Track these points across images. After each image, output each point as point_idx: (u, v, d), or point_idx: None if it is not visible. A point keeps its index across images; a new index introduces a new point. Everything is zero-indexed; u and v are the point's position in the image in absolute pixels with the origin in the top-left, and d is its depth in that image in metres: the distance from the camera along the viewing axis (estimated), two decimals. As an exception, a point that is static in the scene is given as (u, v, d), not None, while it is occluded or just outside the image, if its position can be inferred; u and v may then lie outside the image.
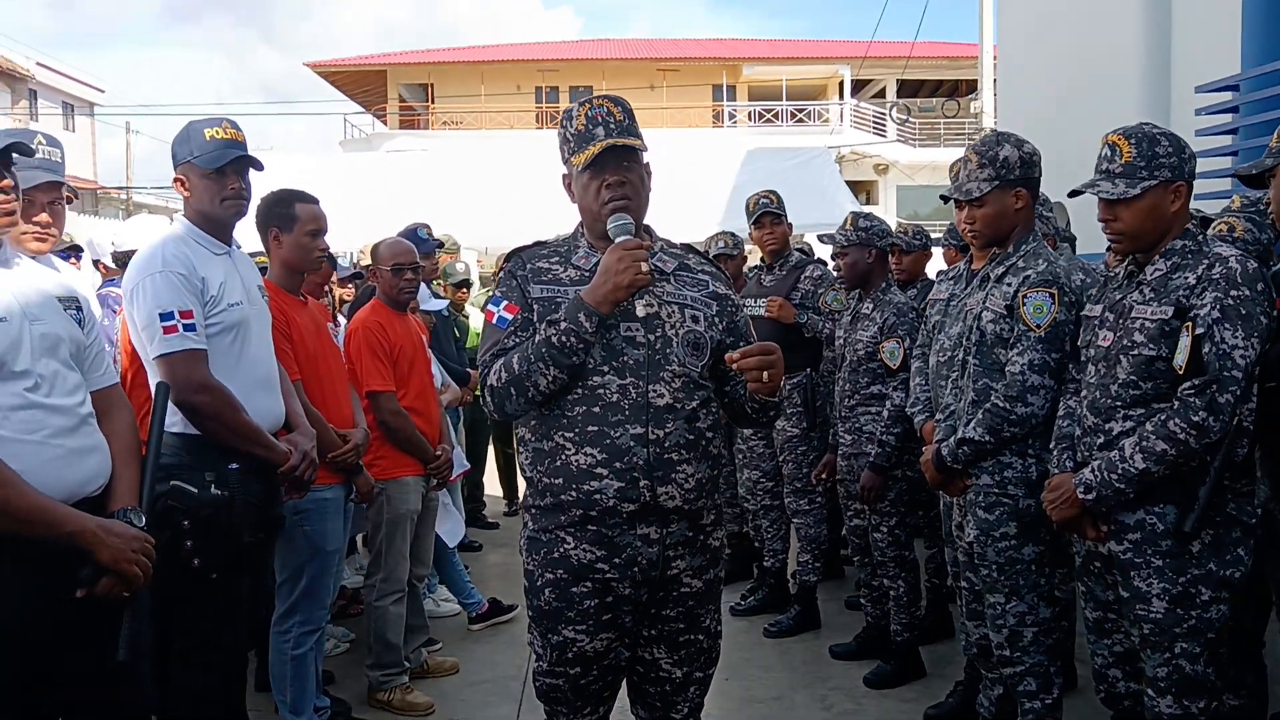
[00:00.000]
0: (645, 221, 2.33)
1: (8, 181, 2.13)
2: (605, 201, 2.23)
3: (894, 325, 3.97)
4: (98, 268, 4.86)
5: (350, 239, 8.87)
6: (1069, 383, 2.76)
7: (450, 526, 4.60)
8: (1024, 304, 2.83)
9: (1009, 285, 2.89)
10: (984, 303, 2.96)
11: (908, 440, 3.82)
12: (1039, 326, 2.81)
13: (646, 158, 2.33)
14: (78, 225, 12.36)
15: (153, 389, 2.51)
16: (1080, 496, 2.48)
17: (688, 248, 2.47)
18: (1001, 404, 2.83)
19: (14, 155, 2.15)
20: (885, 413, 3.91)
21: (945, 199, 3.15)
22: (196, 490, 2.41)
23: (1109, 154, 2.47)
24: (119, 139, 33.15)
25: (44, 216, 2.62)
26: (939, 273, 4.33)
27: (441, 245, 6.28)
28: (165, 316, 2.57)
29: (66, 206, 2.80)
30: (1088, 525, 2.52)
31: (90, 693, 2.18)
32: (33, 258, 2.36)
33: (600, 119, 2.23)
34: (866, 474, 3.92)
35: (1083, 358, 2.65)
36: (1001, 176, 2.90)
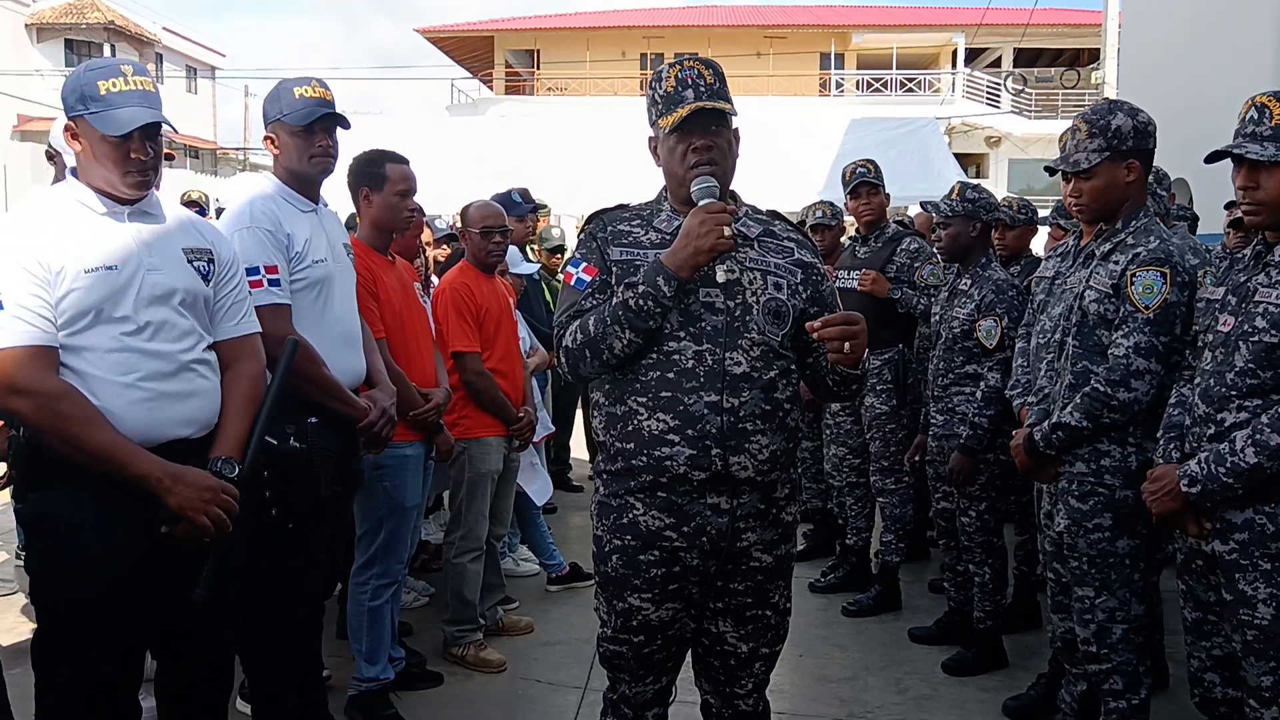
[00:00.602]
0: (732, 187, 2.27)
1: (146, 153, 2.18)
2: (690, 165, 2.17)
3: (992, 303, 3.80)
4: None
5: (450, 202, 8.98)
6: (1182, 369, 2.59)
7: (538, 485, 4.63)
8: (1132, 283, 2.66)
9: (1116, 263, 2.73)
10: (1087, 281, 2.80)
11: (1002, 423, 3.67)
12: (1148, 308, 2.64)
13: (736, 122, 2.26)
14: (198, 183, 12.85)
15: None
16: (1184, 490, 2.33)
17: (774, 214, 2.39)
18: (1102, 388, 2.68)
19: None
20: (979, 393, 3.76)
21: (1051, 170, 2.99)
22: (276, 442, 2.45)
23: (1255, 116, 2.29)
24: (238, 102, 34.47)
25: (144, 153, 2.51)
26: (1047, 249, 4.13)
27: (536, 209, 6.30)
28: (251, 271, 2.61)
29: (170, 162, 2.84)
30: (1190, 521, 2.37)
31: (177, 630, 2.25)
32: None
33: (690, 81, 2.17)
34: (956, 456, 3.79)
35: (1199, 343, 2.47)
36: (1113, 147, 2.73)
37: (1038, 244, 5.28)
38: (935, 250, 4.06)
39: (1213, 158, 2.39)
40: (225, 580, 2.22)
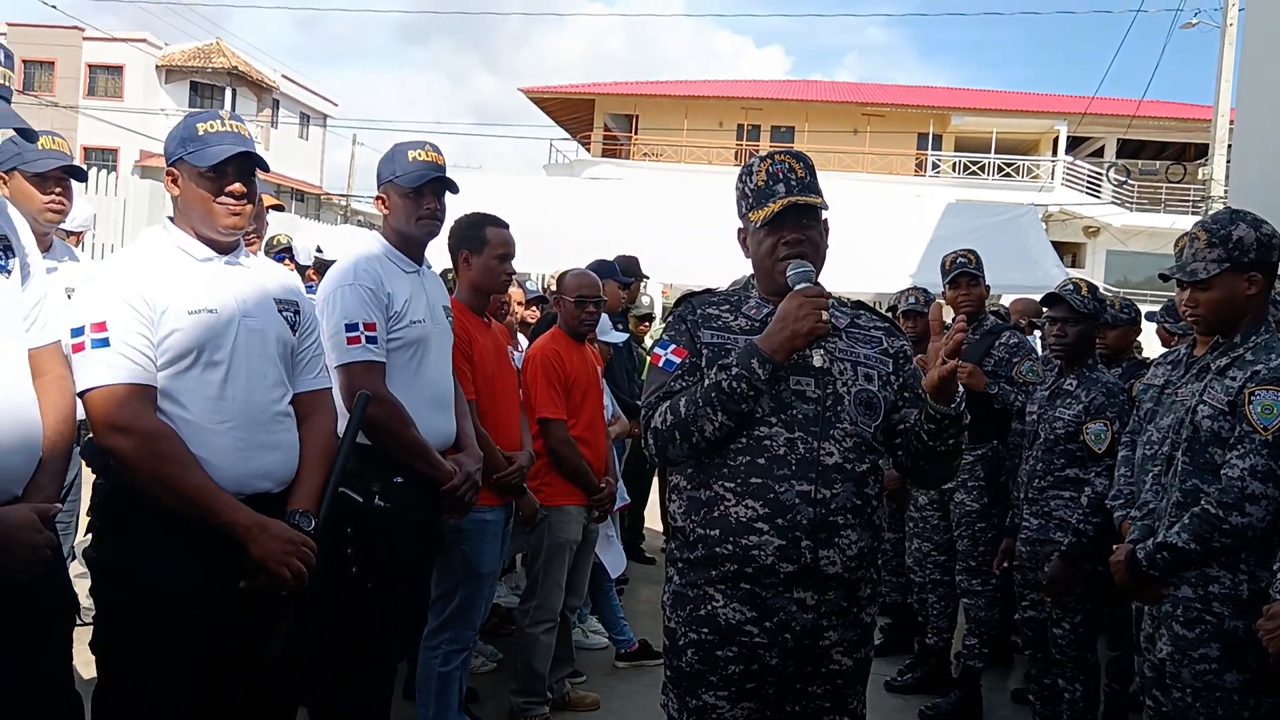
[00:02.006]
0: (818, 280, 2.25)
1: (239, 187, 2.24)
2: (781, 258, 2.17)
3: (1103, 406, 3.66)
4: (303, 274, 5.14)
5: (542, 261, 9.12)
6: None
7: (613, 557, 4.59)
8: (1250, 402, 2.53)
9: (1233, 379, 2.60)
10: (1201, 395, 2.68)
11: (1104, 532, 3.51)
12: (1266, 429, 2.51)
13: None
14: (297, 227, 13.29)
15: (336, 398, 2.60)
16: None
17: (859, 304, 2.37)
18: (1214, 510, 2.55)
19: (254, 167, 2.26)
20: (1084, 499, 3.60)
21: (1165, 277, 2.89)
22: (361, 499, 2.47)
23: None
24: (345, 149, 35.60)
25: (237, 186, 2.33)
26: (1158, 356, 3.97)
27: (637, 279, 6.36)
28: (350, 327, 2.67)
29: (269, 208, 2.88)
30: (1313, 664, 2.22)
31: (245, 679, 2.24)
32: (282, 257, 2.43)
33: (781, 175, 2.18)
34: (1056, 564, 3.62)
35: None
36: (1233, 258, 2.63)
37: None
38: (1051, 345, 3.88)
39: None
40: (300, 638, 2.22)
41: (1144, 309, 5.11)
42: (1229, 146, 12.51)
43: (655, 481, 7.09)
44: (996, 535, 4.32)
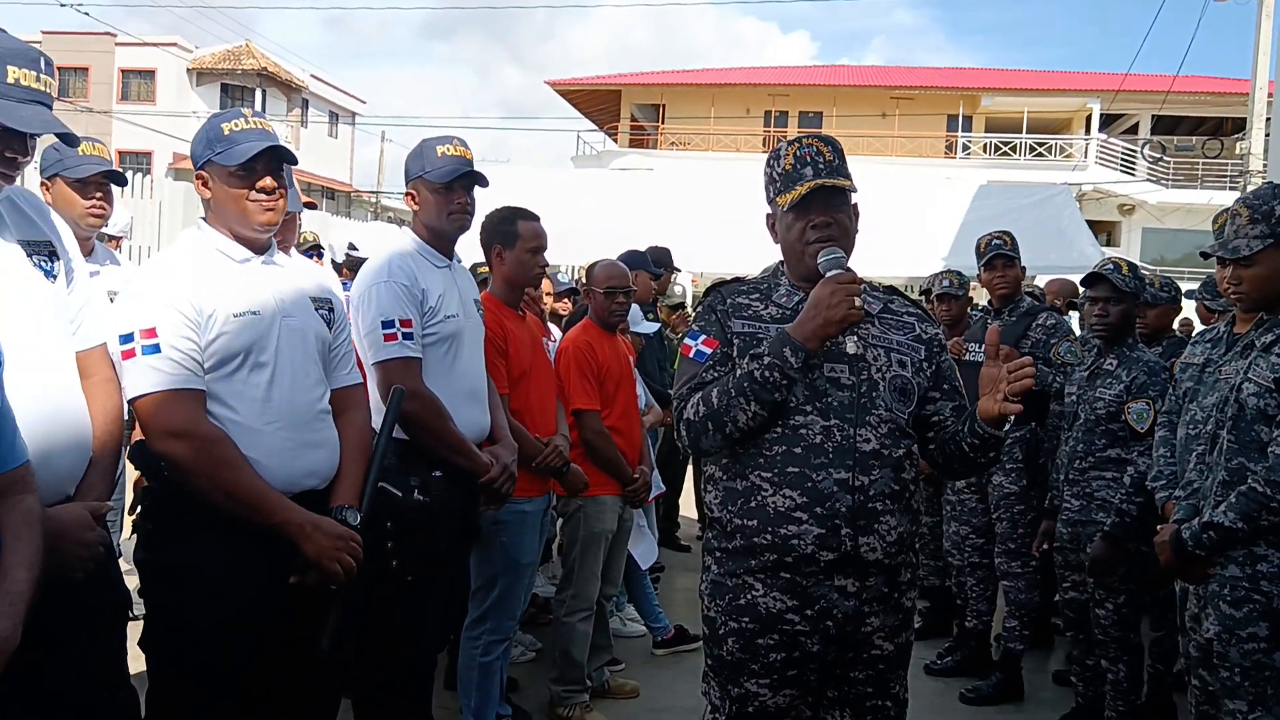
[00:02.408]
0: (849, 264, 2.23)
1: (270, 182, 2.24)
2: (810, 242, 2.15)
3: (1144, 385, 3.62)
4: (339, 271, 5.19)
5: (572, 253, 9.13)
6: None
7: (644, 548, 4.60)
8: (1296, 378, 2.49)
9: (1278, 356, 2.57)
10: (1246, 372, 2.64)
11: (1147, 512, 3.47)
12: (1313, 405, 2.47)
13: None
14: (328, 224, 13.38)
15: (374, 394, 2.62)
16: None
17: (891, 290, 2.35)
18: (1261, 488, 2.51)
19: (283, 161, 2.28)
20: (1127, 479, 3.56)
21: (1207, 255, 2.84)
22: (401, 494, 2.49)
23: None
24: (374, 146, 35.94)
25: (268, 181, 2.27)
26: (1196, 334, 3.91)
27: (666, 270, 6.35)
28: (387, 324, 2.69)
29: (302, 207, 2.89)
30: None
31: (292, 676, 2.27)
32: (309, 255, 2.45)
33: (809, 159, 2.16)
34: (1099, 544, 3.58)
35: None
36: (1276, 234, 2.58)
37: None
38: (1093, 325, 3.84)
39: None
40: (348, 631, 2.24)
41: (1182, 286, 5.03)
42: (1267, 120, 12.27)
43: (690, 470, 7.10)
44: (1035, 517, 4.29)
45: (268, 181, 2.24)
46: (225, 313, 2.18)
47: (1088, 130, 28.11)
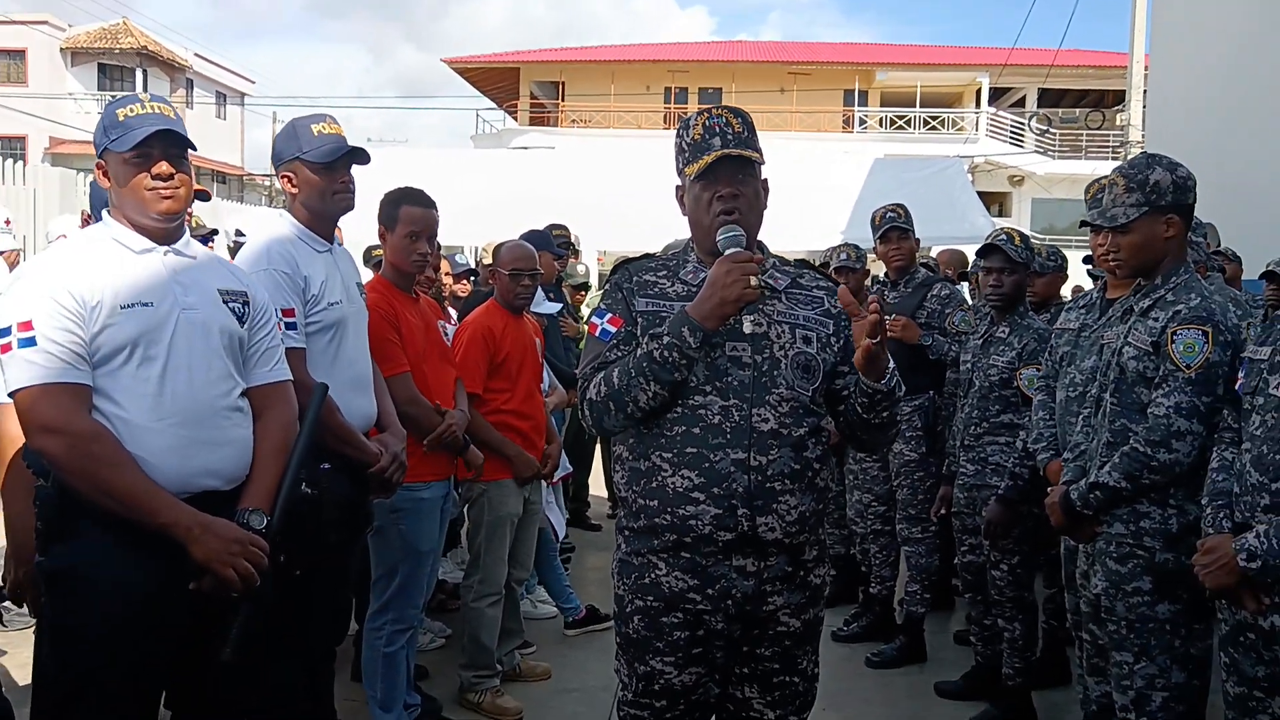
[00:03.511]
0: (759, 239, 2.22)
1: (166, 168, 2.16)
2: (716, 214, 2.13)
3: (1035, 352, 3.72)
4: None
5: (473, 234, 9.00)
6: (1224, 431, 2.51)
7: (554, 517, 4.57)
8: (1173, 342, 2.59)
9: (1156, 320, 2.65)
10: (1125, 337, 2.73)
11: (1039, 476, 3.58)
12: (1189, 367, 2.56)
13: (770, 167, 2.22)
14: (218, 210, 12.93)
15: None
16: (1241, 565, 2.23)
17: (802, 264, 2.34)
18: (1142, 448, 2.60)
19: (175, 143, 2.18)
20: (1020, 444, 3.66)
21: (1087, 223, 2.92)
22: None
23: None
24: (266, 128, 34.59)
25: (164, 167, 2.19)
26: (1069, 300, 4.05)
27: (571, 248, 6.30)
28: None
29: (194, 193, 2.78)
30: (1247, 595, 2.26)
31: (198, 684, 2.19)
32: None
33: (718, 129, 2.13)
34: (993, 507, 3.69)
35: (1246, 405, 2.39)
36: (1151, 202, 2.67)
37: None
38: (988, 296, 3.93)
39: None
40: (255, 638, 2.16)
41: (1070, 254, 5.20)
42: (1144, 92, 12.75)
43: (599, 449, 7.09)
44: (935, 483, 4.40)
45: (163, 167, 2.15)
46: (112, 304, 2.08)
47: (978, 104, 28.87)
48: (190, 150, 2.25)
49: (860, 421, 2.19)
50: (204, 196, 4.25)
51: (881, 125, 29.19)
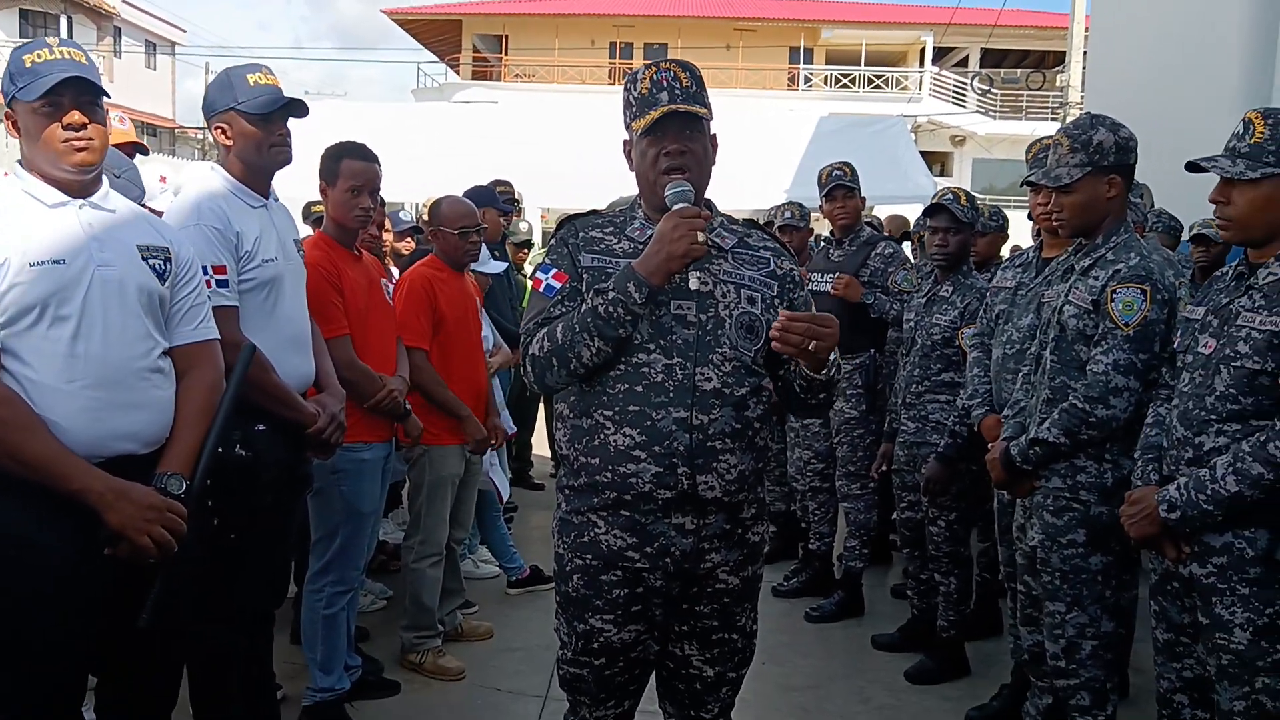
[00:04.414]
0: (707, 196, 2.19)
1: (78, 116, 2.06)
2: (663, 170, 2.09)
3: (978, 310, 3.76)
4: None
5: (414, 190, 8.84)
6: (1159, 388, 2.56)
7: (499, 479, 4.54)
8: (1112, 300, 2.62)
9: (1096, 279, 2.69)
10: (1066, 295, 2.76)
11: (977, 433, 3.63)
12: (1127, 325, 2.60)
13: (715, 126, 2.18)
14: (150, 164, 12.51)
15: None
16: (1162, 515, 2.30)
17: (750, 223, 2.31)
18: (1081, 404, 2.65)
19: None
20: (960, 403, 3.71)
21: (1030, 183, 2.94)
22: (222, 449, 2.33)
23: (1240, 130, 2.27)
24: (198, 79, 33.60)
25: (76, 116, 2.09)
26: (1005, 259, 4.10)
27: (516, 205, 6.20)
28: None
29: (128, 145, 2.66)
30: (1168, 545, 2.34)
31: (122, 645, 2.14)
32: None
33: (665, 84, 2.09)
34: (933, 465, 3.74)
35: (1178, 363, 2.44)
36: (1094, 162, 2.69)
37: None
38: (933, 255, 3.96)
39: (1191, 168, 2.35)
40: (174, 603, 2.10)
41: (1010, 214, 5.24)
42: (1084, 54, 12.89)
43: (541, 409, 7.05)
44: (874, 441, 4.45)
45: (75, 116, 2.05)
46: (20, 262, 1.98)
47: (922, 63, 29.02)
48: (105, 98, 2.15)
49: (797, 398, 2.21)
50: (142, 150, 4.07)
51: (827, 84, 29.20)
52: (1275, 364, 2.16)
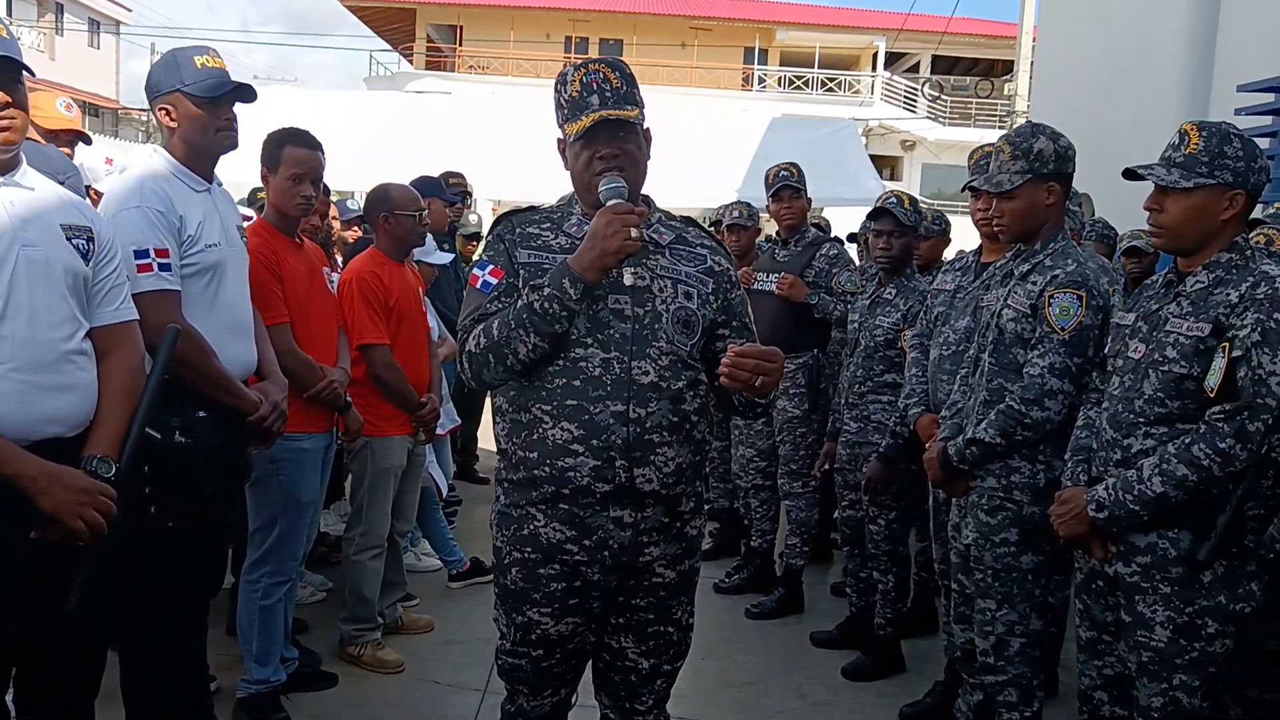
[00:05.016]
0: (645, 192, 2.21)
1: (1, 96, 2.00)
2: (596, 173, 2.10)
3: (919, 313, 3.82)
4: (89, 194, 4.70)
5: (364, 179, 8.73)
6: (1090, 392, 2.63)
7: (437, 472, 4.52)
8: (1049, 304, 2.69)
9: (1034, 284, 2.75)
10: (1005, 300, 2.82)
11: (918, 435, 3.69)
12: (1063, 329, 2.67)
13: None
14: (96, 146, 12.20)
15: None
16: (1090, 514, 2.36)
17: (688, 220, 2.33)
18: (1017, 406, 2.70)
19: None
20: (901, 403, 3.77)
21: (971, 188, 3.00)
22: (161, 436, 2.30)
23: (1176, 141, 2.34)
24: (143, 59, 32.84)
25: None
26: (946, 263, 4.17)
27: (468, 197, 6.16)
28: (140, 254, 2.45)
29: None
30: (1095, 544, 2.40)
31: (42, 631, 2.11)
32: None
33: (595, 86, 2.09)
34: (874, 464, 3.79)
35: (1109, 368, 2.51)
36: (1034, 170, 2.75)
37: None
38: (878, 258, 4.01)
39: (1128, 175, 2.42)
40: (101, 587, 2.07)
41: (957, 220, 5.34)
42: (1031, 63, 13.13)
43: (488, 402, 7.01)
44: (816, 440, 4.50)
45: None
46: None
47: (874, 68, 29.33)
48: (28, 75, 2.09)
49: (734, 407, 2.27)
50: (85, 140, 3.96)
51: (780, 85, 29.39)
52: (1201, 369, 2.23)
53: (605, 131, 2.09)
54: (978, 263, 3.40)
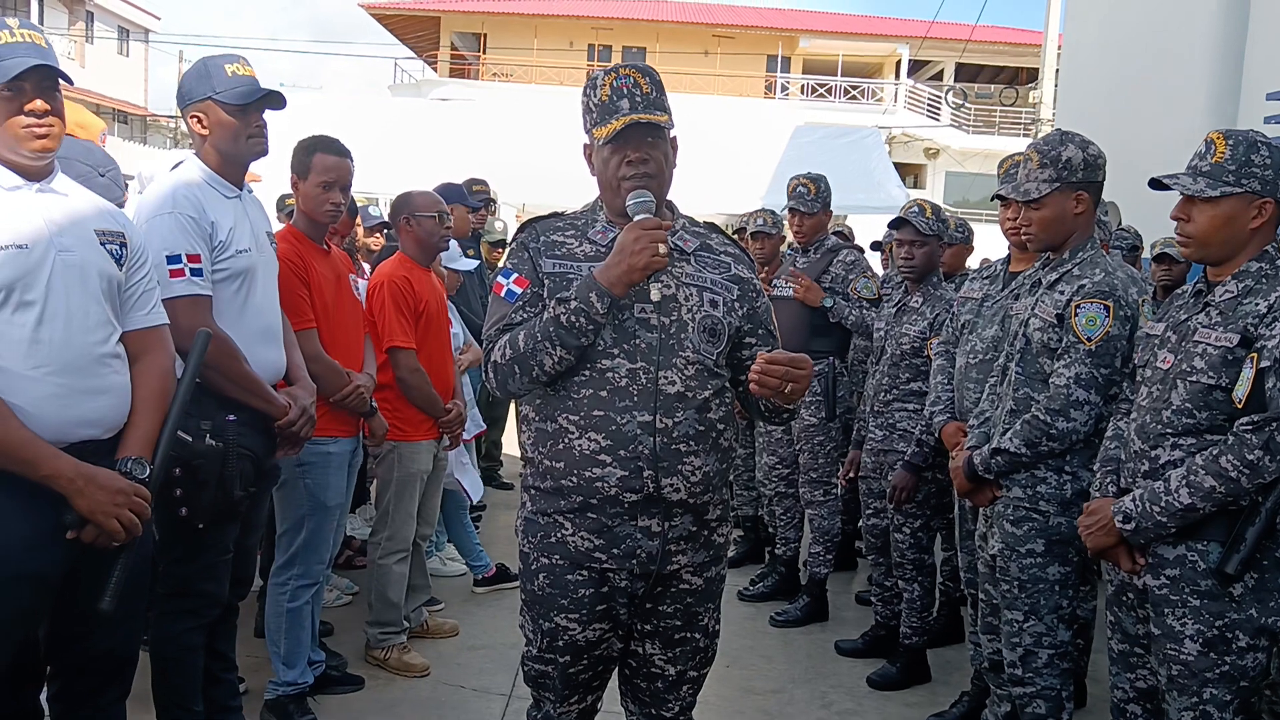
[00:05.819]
0: (670, 198, 2.22)
1: (41, 104, 2.04)
2: (625, 178, 2.11)
3: (945, 321, 3.81)
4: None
5: (388, 186, 8.80)
6: (1120, 403, 2.61)
7: (470, 480, 4.54)
8: (1076, 314, 2.67)
9: (1062, 293, 2.73)
10: (1033, 309, 2.81)
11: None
12: (1090, 339, 2.65)
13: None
14: (124, 152, 12.39)
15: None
16: (1118, 526, 2.34)
17: (711, 227, 2.34)
18: (1043, 416, 2.69)
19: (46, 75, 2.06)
20: (927, 411, 3.76)
21: (999, 197, 2.99)
22: (192, 439, 2.33)
23: (1203, 150, 2.32)
24: (171, 67, 33.22)
25: (39, 103, 2.08)
26: (974, 270, 4.16)
27: (491, 203, 6.20)
28: (172, 259, 2.49)
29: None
30: (1124, 555, 2.39)
31: (77, 631, 2.14)
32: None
33: (625, 90, 2.10)
34: (900, 473, 3.78)
35: (1138, 378, 2.49)
36: (1063, 178, 2.74)
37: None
38: (900, 268, 4.01)
39: (1154, 185, 2.41)
40: (135, 587, 2.10)
41: (981, 228, 5.32)
42: (1057, 71, 13.07)
43: (512, 407, 7.04)
44: (835, 447, 4.50)
45: (38, 104, 2.03)
46: None
47: (897, 75, 29.26)
48: (66, 84, 2.14)
49: (759, 412, 2.27)
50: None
51: (803, 93, 29.36)
52: (1229, 379, 2.21)
53: (635, 135, 2.09)
54: (1006, 271, 3.39)
